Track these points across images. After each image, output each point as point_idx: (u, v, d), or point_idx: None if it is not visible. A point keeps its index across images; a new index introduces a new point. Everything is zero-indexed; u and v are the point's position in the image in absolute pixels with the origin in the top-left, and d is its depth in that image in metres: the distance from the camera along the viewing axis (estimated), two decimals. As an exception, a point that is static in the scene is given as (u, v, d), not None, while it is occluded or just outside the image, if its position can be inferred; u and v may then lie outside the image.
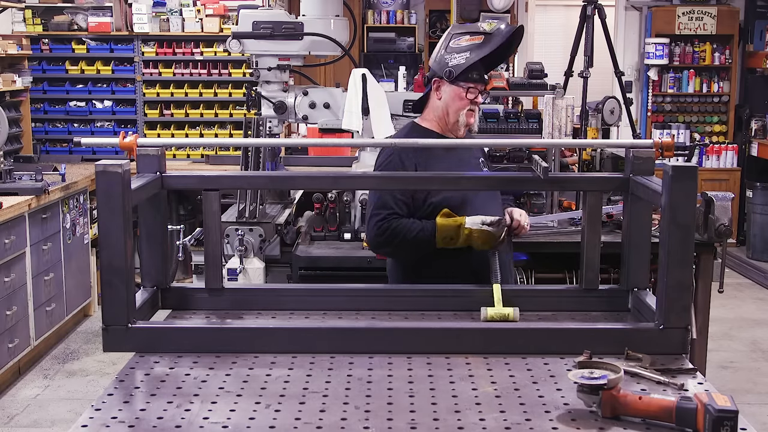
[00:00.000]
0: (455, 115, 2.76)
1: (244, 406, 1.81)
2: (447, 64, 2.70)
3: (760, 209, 7.72)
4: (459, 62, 2.67)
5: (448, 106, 2.77)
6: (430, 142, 2.70)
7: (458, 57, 2.68)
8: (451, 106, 2.76)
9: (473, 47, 2.67)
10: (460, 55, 2.68)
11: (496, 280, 2.50)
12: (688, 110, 8.53)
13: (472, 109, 2.77)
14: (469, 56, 2.66)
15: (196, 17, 6.76)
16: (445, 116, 2.79)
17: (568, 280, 3.71)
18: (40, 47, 6.80)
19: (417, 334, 2.16)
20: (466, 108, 2.75)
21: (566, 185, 3.34)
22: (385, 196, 2.75)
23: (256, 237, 3.48)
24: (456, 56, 2.68)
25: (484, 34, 2.68)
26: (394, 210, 2.73)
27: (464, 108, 2.75)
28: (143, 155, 2.29)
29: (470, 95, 2.73)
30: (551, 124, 3.81)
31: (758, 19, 8.25)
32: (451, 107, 2.76)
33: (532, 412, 1.77)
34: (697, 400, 1.64)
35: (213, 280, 2.43)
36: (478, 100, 2.77)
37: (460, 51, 2.68)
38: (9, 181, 4.95)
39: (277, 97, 3.73)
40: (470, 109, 2.76)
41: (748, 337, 5.75)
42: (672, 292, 2.03)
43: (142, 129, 6.86)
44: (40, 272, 5.03)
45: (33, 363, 5.10)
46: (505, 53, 2.82)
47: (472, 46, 2.67)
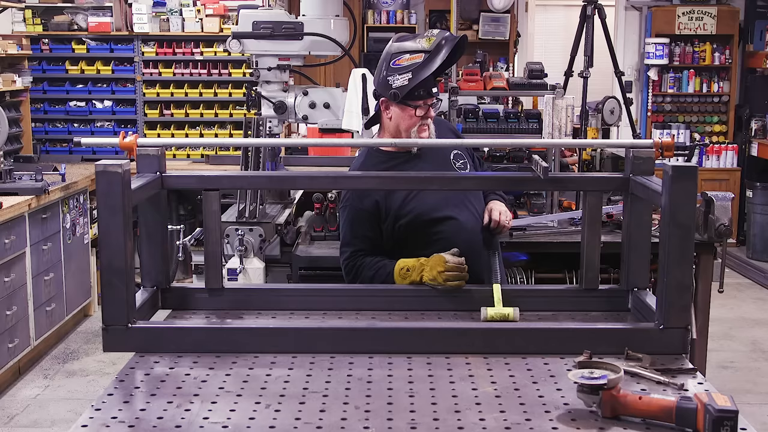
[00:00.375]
0: (407, 133, 2.71)
1: (244, 406, 1.81)
2: (390, 85, 2.63)
3: (760, 209, 7.72)
4: (402, 83, 2.60)
5: (399, 125, 2.71)
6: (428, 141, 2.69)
7: (400, 78, 2.60)
8: (401, 125, 2.71)
9: (414, 67, 2.58)
10: (403, 77, 2.60)
11: (496, 280, 2.50)
12: (688, 110, 8.54)
13: (423, 124, 2.71)
14: (412, 77, 2.59)
15: (196, 17, 6.76)
16: (399, 135, 2.73)
17: (568, 280, 3.71)
18: (40, 47, 6.80)
19: (417, 334, 2.16)
20: (417, 125, 2.70)
21: (566, 185, 3.34)
22: (347, 233, 2.77)
23: (256, 237, 3.48)
24: (398, 77, 2.60)
25: (423, 52, 2.59)
26: (358, 247, 2.74)
27: (415, 125, 2.69)
28: (143, 155, 2.29)
29: (419, 112, 2.68)
30: (551, 124, 3.81)
31: (758, 19, 8.25)
32: (402, 125, 2.71)
33: (532, 412, 1.77)
34: (697, 400, 1.64)
35: (213, 280, 2.43)
36: (430, 114, 2.71)
37: (401, 71, 2.60)
38: (9, 181, 4.95)
39: (277, 97, 3.73)
40: (422, 124, 2.70)
41: (748, 337, 5.75)
42: (672, 292, 2.03)
43: (142, 129, 6.86)
44: (40, 272, 5.03)
45: (33, 363, 5.10)
46: (450, 63, 2.75)
47: (412, 66, 2.59)
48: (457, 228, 2.73)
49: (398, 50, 2.64)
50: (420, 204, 2.72)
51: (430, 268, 2.50)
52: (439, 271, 2.48)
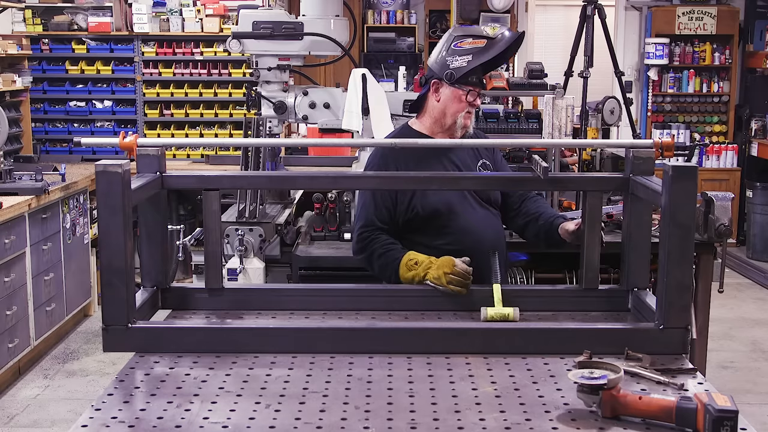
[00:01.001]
0: (453, 117, 2.77)
1: (244, 406, 1.81)
2: (448, 66, 2.71)
3: (760, 209, 7.72)
4: (461, 65, 2.69)
5: (447, 107, 2.78)
6: (429, 142, 2.70)
7: (460, 60, 2.69)
8: (449, 108, 2.77)
9: (475, 51, 2.68)
10: (462, 58, 2.68)
11: (496, 280, 2.50)
12: (688, 110, 8.54)
13: (470, 112, 2.78)
14: (471, 60, 2.67)
15: (196, 17, 6.76)
16: (443, 118, 2.80)
17: (568, 280, 3.71)
18: (40, 47, 6.80)
19: (417, 334, 2.16)
20: (465, 110, 2.77)
21: (566, 185, 3.34)
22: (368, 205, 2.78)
23: (256, 237, 3.48)
24: (458, 59, 2.69)
25: (487, 39, 2.69)
26: (376, 220, 2.77)
27: (463, 110, 2.76)
28: (143, 155, 2.29)
29: (470, 98, 2.75)
30: (551, 124, 3.81)
31: (758, 19, 8.25)
32: (450, 109, 2.77)
33: (532, 412, 1.77)
34: (697, 400, 1.64)
35: (213, 280, 2.43)
36: (476, 103, 2.78)
37: (462, 54, 2.69)
38: (9, 181, 4.95)
39: (277, 97, 3.72)
40: (468, 111, 2.77)
41: (748, 337, 5.75)
42: (672, 292, 2.03)
43: (142, 129, 6.86)
44: (40, 272, 5.03)
45: (33, 363, 5.10)
46: (504, 57, 2.82)
47: (474, 49, 2.68)
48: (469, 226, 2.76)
49: (463, 33, 2.73)
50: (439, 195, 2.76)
51: (437, 267, 2.51)
52: (445, 272, 2.48)
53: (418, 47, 8.95)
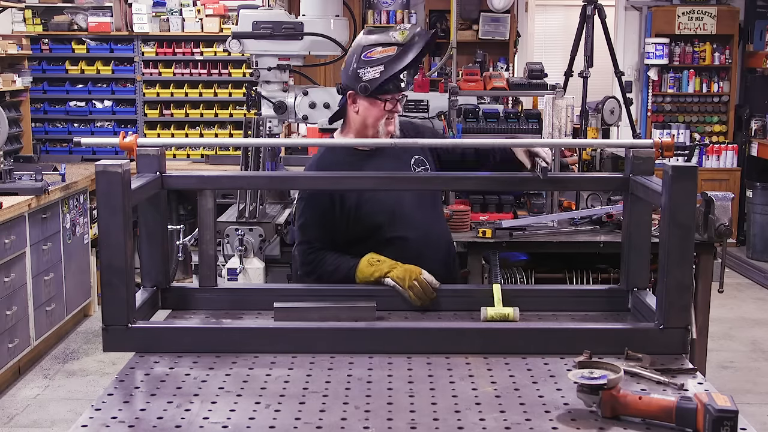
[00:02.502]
0: (374, 127, 2.70)
1: (244, 406, 1.81)
2: (361, 78, 2.61)
3: (760, 209, 7.72)
4: (373, 76, 2.59)
5: (366, 118, 2.69)
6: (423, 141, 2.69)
7: (372, 71, 2.59)
8: (368, 119, 2.69)
9: (387, 60, 2.58)
10: (374, 69, 2.59)
11: (496, 280, 2.50)
12: (688, 110, 8.54)
13: (390, 118, 2.70)
14: (384, 70, 2.58)
15: (196, 17, 6.76)
16: (365, 129, 2.72)
17: (568, 280, 3.71)
18: (40, 47, 6.80)
19: (417, 334, 2.16)
20: (384, 118, 2.69)
21: (566, 185, 3.34)
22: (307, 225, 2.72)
23: (256, 237, 3.48)
24: (369, 70, 2.59)
25: (397, 45, 2.58)
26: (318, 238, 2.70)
27: (382, 118, 2.69)
28: (143, 155, 2.29)
29: (388, 106, 2.67)
30: (551, 124, 3.81)
31: (758, 19, 8.25)
32: (369, 119, 2.69)
33: (532, 412, 1.77)
34: (697, 400, 1.64)
35: (207, 279, 2.43)
36: (396, 109, 2.70)
37: (373, 64, 2.59)
38: (9, 181, 4.95)
39: (277, 97, 3.73)
40: (389, 117, 2.70)
41: (748, 337, 5.75)
42: (672, 292, 2.03)
43: (142, 129, 6.86)
44: (40, 272, 5.03)
45: (33, 363, 5.10)
46: (420, 59, 2.73)
47: (385, 58, 2.58)
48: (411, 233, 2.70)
49: (370, 43, 2.62)
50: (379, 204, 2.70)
51: (404, 269, 2.46)
52: (410, 276, 2.44)
53: (418, 47, 8.94)
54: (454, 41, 4.42)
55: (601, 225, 3.82)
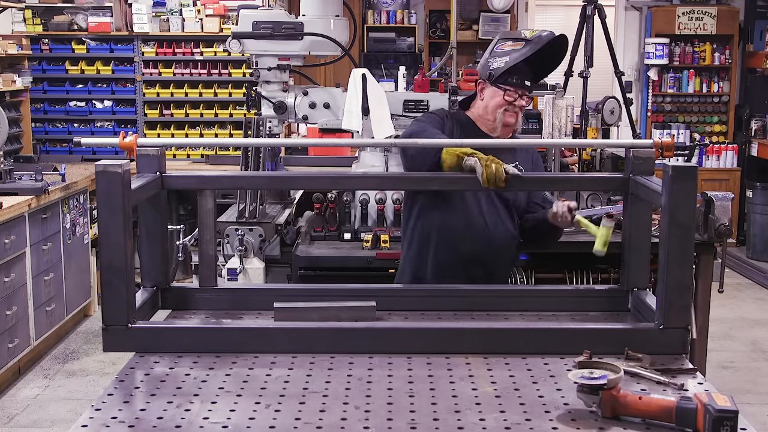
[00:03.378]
0: (493, 114, 2.86)
1: (244, 406, 1.81)
2: (489, 66, 2.84)
3: (760, 209, 7.72)
4: (499, 65, 2.80)
5: (488, 105, 2.87)
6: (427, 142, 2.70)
7: (499, 60, 2.81)
8: (489, 106, 2.87)
9: (513, 52, 2.79)
10: (501, 59, 2.81)
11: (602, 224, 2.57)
12: (688, 110, 8.54)
13: (509, 110, 2.85)
14: (508, 60, 2.79)
15: (196, 17, 6.76)
16: (486, 115, 2.89)
17: (568, 280, 3.71)
18: (40, 47, 6.80)
19: (417, 334, 2.16)
20: (503, 108, 2.84)
21: (566, 185, 3.34)
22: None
23: (256, 237, 3.48)
24: (497, 60, 2.82)
25: (524, 40, 2.80)
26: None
27: (501, 107, 2.84)
28: (143, 155, 2.29)
29: (507, 97, 2.83)
30: (551, 124, 3.81)
31: (758, 19, 8.25)
32: (490, 106, 2.86)
33: (532, 412, 1.77)
34: (697, 400, 1.64)
35: (207, 279, 2.43)
36: (517, 103, 2.85)
37: (501, 55, 2.81)
38: (9, 181, 4.95)
39: (277, 97, 3.72)
40: (507, 109, 2.85)
41: (748, 337, 5.75)
42: (672, 292, 2.03)
43: (142, 129, 6.86)
44: (40, 272, 5.03)
45: (33, 363, 5.10)
46: (550, 63, 2.92)
47: (511, 50, 2.80)
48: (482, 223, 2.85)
49: (504, 36, 2.89)
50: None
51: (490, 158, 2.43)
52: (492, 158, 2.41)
53: (418, 47, 8.95)
54: (454, 41, 4.42)
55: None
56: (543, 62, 2.87)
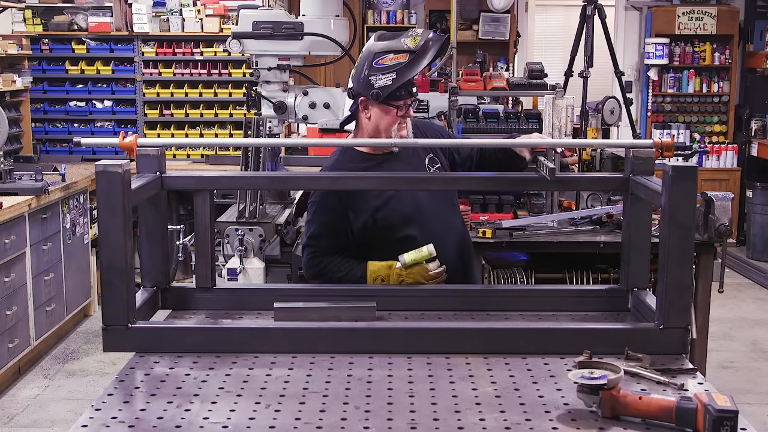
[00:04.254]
0: (387, 133, 2.69)
1: (244, 406, 1.81)
2: (372, 85, 2.59)
3: (760, 209, 7.72)
4: (385, 83, 2.58)
5: (379, 124, 2.68)
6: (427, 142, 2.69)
7: (384, 78, 2.57)
8: (381, 125, 2.68)
9: (399, 67, 2.56)
10: (386, 76, 2.57)
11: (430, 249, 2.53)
12: (688, 110, 8.54)
13: (402, 123, 2.70)
14: (396, 77, 2.56)
15: (196, 17, 6.76)
16: (378, 134, 2.71)
17: (568, 280, 3.71)
18: (40, 47, 6.80)
19: (417, 334, 2.16)
20: (397, 123, 2.68)
21: (566, 185, 3.34)
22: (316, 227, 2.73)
23: (256, 237, 3.48)
24: (381, 77, 2.58)
25: (408, 52, 2.56)
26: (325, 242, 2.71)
27: (395, 123, 2.68)
28: (143, 155, 2.29)
29: (400, 112, 2.66)
30: (551, 124, 3.81)
31: (758, 19, 8.25)
32: (382, 125, 2.68)
33: (532, 412, 1.77)
34: (697, 400, 1.64)
35: (204, 280, 2.43)
36: (408, 114, 2.70)
37: (385, 71, 2.57)
38: (9, 181, 4.95)
39: (277, 97, 3.72)
40: (401, 123, 2.69)
41: (748, 337, 5.75)
42: (672, 292, 2.03)
43: (142, 129, 6.86)
44: (40, 272, 5.03)
45: (33, 363, 5.10)
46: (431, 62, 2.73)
47: (397, 66, 2.56)
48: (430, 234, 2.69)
49: (382, 49, 2.60)
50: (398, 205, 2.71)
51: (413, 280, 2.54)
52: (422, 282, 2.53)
53: (418, 47, 8.94)
54: (454, 41, 4.42)
55: (601, 225, 3.82)
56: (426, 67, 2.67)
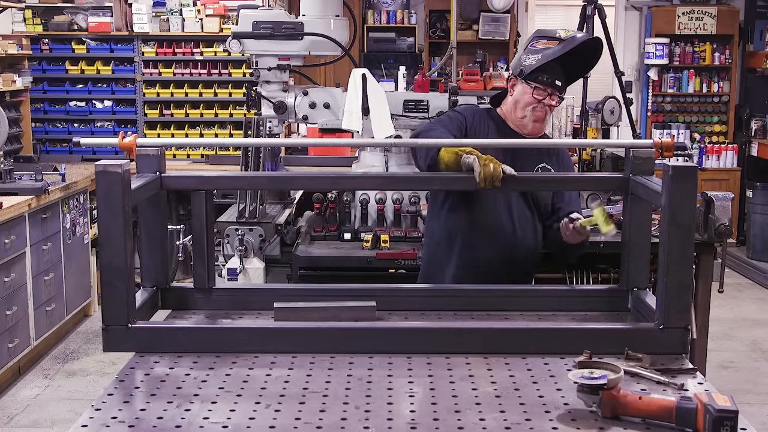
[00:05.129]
0: (522, 111, 2.86)
1: (244, 406, 1.81)
2: (521, 63, 2.85)
3: (760, 209, 7.72)
4: (531, 62, 2.81)
5: (517, 102, 2.88)
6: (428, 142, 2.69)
7: (531, 58, 2.82)
8: (519, 102, 2.87)
9: (545, 50, 2.81)
10: (533, 57, 2.82)
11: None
12: (688, 110, 8.54)
13: (540, 108, 2.84)
14: (540, 58, 2.79)
15: (196, 17, 6.76)
16: (514, 111, 2.89)
17: (568, 280, 3.71)
18: (40, 47, 6.80)
19: (417, 334, 2.16)
20: (532, 105, 2.84)
21: (566, 185, 3.33)
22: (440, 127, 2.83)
23: (256, 237, 3.48)
24: (530, 57, 2.83)
25: (558, 40, 2.82)
26: None
27: (530, 105, 2.84)
28: (143, 155, 2.29)
29: (536, 95, 2.82)
30: (551, 124, 3.81)
31: (758, 19, 8.25)
32: (519, 103, 2.87)
33: (532, 412, 1.77)
34: (697, 400, 1.64)
35: (201, 280, 2.43)
36: (546, 102, 2.84)
37: (534, 52, 2.83)
38: (9, 181, 4.95)
39: (277, 97, 3.72)
40: (536, 107, 2.84)
41: (748, 337, 5.75)
42: (672, 292, 2.03)
43: (142, 129, 6.86)
44: (40, 272, 5.03)
45: (33, 363, 5.10)
46: (583, 66, 2.95)
47: (544, 48, 2.81)
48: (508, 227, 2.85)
49: (540, 35, 2.89)
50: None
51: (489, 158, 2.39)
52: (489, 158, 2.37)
53: (418, 47, 8.95)
54: (454, 41, 4.42)
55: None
56: (575, 64, 2.88)
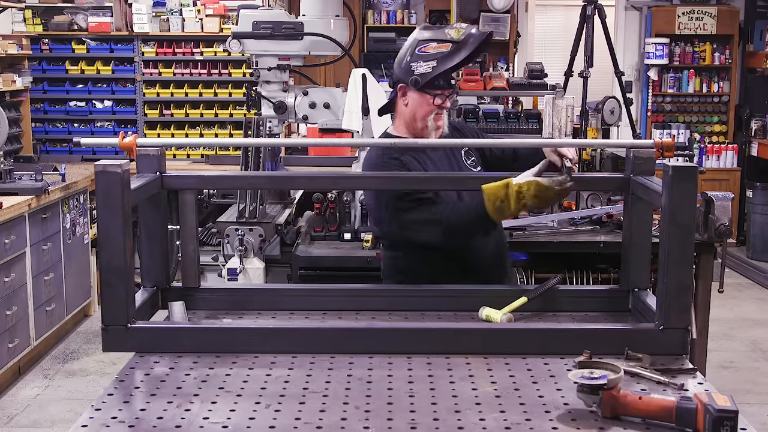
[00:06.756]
0: (423, 121, 2.71)
1: (244, 406, 1.81)
2: (413, 71, 2.63)
3: (760, 209, 7.72)
4: (425, 71, 2.61)
5: (416, 112, 2.70)
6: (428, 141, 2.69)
7: (424, 65, 2.62)
8: (418, 112, 2.69)
9: (440, 56, 2.60)
10: (427, 64, 2.62)
11: (529, 296, 2.42)
12: (688, 110, 8.53)
13: (439, 113, 2.72)
14: (436, 65, 2.60)
15: (196, 17, 6.76)
16: (414, 122, 2.73)
17: (568, 280, 3.71)
18: (40, 47, 6.80)
19: (417, 334, 2.16)
20: (433, 113, 2.70)
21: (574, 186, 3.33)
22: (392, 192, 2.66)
23: (256, 237, 3.48)
24: (422, 64, 2.62)
25: (452, 42, 2.61)
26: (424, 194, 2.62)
27: (431, 113, 2.70)
28: (143, 155, 2.29)
29: (437, 102, 2.69)
30: (551, 124, 3.81)
31: (758, 19, 8.25)
32: (419, 113, 2.69)
33: (532, 412, 1.77)
34: (697, 400, 1.64)
35: (190, 279, 2.42)
36: (445, 105, 2.72)
37: (426, 59, 2.62)
38: (9, 181, 4.95)
39: (277, 97, 3.73)
40: (438, 113, 2.71)
41: (748, 337, 5.75)
42: (672, 292, 2.03)
43: (142, 129, 6.86)
44: (40, 272, 5.03)
45: (33, 363, 5.10)
46: (472, 58, 2.76)
47: (438, 54, 2.61)
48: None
49: (426, 38, 2.65)
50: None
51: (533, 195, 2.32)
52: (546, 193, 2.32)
53: (418, 47, 8.94)
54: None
55: (601, 225, 3.82)
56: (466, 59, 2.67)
